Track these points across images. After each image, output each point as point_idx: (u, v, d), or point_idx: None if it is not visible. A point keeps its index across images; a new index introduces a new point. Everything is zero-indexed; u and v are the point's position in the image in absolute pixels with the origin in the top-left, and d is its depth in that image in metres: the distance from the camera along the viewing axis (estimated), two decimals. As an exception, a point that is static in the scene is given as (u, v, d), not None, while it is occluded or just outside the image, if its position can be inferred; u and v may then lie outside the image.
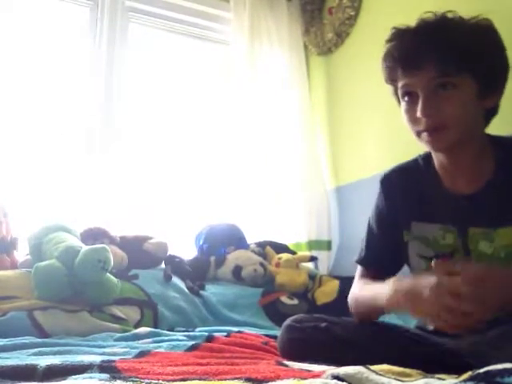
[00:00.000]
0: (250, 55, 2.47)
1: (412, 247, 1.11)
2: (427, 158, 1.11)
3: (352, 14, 2.36)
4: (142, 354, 1.02)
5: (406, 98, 1.02)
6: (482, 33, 0.99)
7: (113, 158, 2.24)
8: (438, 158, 1.07)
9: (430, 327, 1.12)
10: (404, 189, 1.13)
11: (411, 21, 1.03)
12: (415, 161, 1.15)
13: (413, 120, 1.01)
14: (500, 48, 1.01)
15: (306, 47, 2.65)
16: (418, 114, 0.98)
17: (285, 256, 2.11)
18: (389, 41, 1.04)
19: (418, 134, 1.01)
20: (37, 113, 2.19)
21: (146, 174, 2.38)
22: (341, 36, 2.44)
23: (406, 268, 1.19)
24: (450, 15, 1.00)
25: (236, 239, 2.16)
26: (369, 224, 1.21)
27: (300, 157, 2.47)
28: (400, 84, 1.02)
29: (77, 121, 2.28)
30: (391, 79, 1.06)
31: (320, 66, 2.63)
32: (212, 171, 2.52)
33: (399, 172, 1.16)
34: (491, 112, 1.05)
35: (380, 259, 1.17)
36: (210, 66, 2.66)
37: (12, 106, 2.13)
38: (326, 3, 2.58)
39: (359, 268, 1.21)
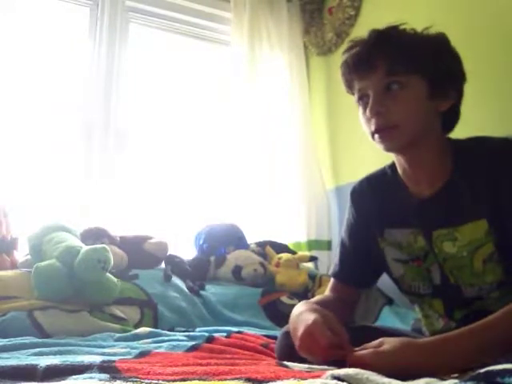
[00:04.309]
0: (250, 55, 2.47)
1: (388, 253, 1.13)
2: (393, 166, 1.13)
3: (352, 13, 2.36)
4: (142, 354, 1.02)
5: (361, 102, 1.04)
6: (432, 39, 1.02)
7: (113, 157, 2.24)
8: (399, 164, 1.09)
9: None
10: (374, 197, 1.15)
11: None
12: (383, 170, 1.18)
13: (366, 121, 1.02)
14: (451, 55, 1.03)
15: (306, 47, 2.66)
16: (367, 113, 1.00)
17: (285, 256, 2.11)
18: (344, 52, 1.09)
19: (372, 135, 1.02)
20: (37, 112, 2.19)
21: (146, 174, 2.38)
22: (341, 36, 2.44)
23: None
24: (402, 27, 1.03)
25: (236, 239, 2.15)
26: (341, 237, 1.23)
27: (300, 156, 2.47)
28: (356, 90, 1.05)
29: (76, 121, 2.27)
30: (349, 87, 1.08)
31: (320, 66, 2.63)
32: (212, 171, 2.52)
33: (368, 182, 1.19)
34: (450, 117, 1.05)
35: (353, 273, 1.19)
36: (210, 66, 2.66)
37: (12, 106, 2.13)
38: (326, 3, 2.59)
39: (332, 280, 1.22)
